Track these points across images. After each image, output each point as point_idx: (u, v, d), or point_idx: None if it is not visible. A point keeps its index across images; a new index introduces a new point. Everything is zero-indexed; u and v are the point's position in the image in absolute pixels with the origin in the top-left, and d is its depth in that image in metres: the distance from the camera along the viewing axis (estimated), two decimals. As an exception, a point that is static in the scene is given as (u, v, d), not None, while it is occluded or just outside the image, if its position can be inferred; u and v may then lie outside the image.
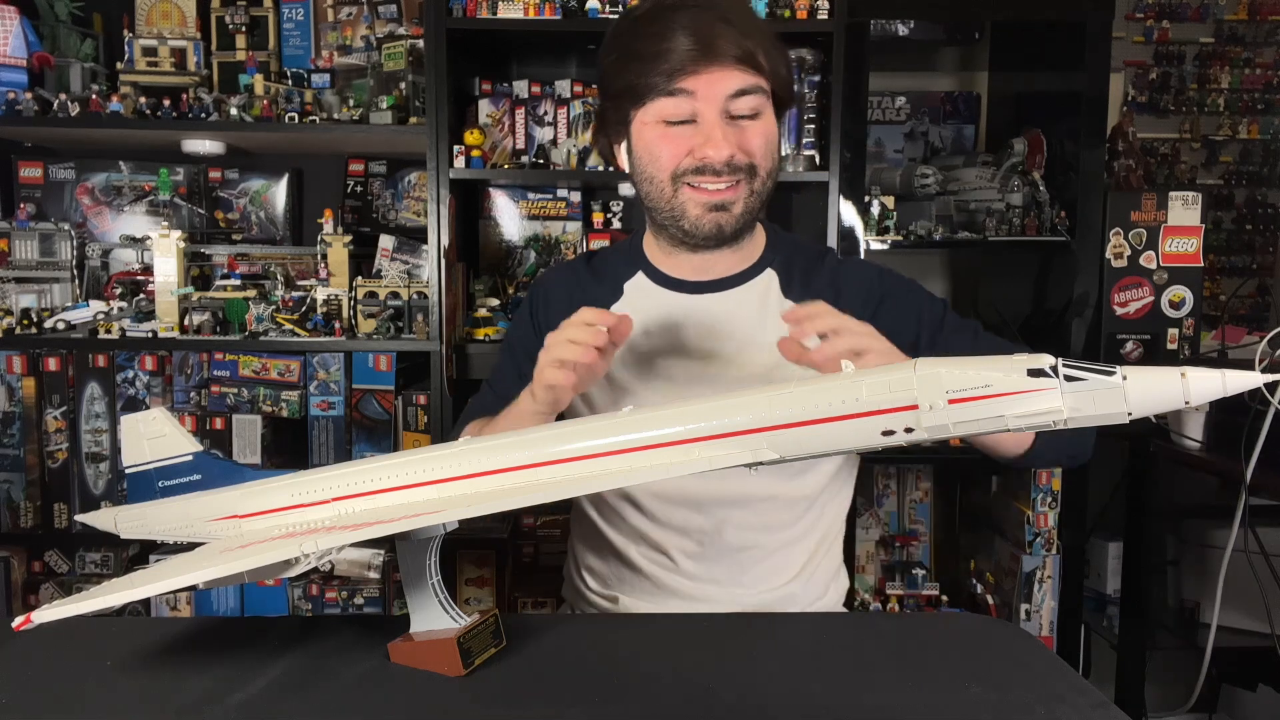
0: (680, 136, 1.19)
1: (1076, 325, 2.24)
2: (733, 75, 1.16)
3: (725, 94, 1.16)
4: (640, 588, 1.29)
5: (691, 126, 1.18)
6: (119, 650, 0.94)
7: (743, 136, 1.19)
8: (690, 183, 1.20)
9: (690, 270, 1.30)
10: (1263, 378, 0.64)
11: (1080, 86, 2.19)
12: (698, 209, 1.21)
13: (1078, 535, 2.27)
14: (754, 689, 0.86)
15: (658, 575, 1.28)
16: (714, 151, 1.17)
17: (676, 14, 1.16)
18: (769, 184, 1.24)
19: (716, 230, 1.23)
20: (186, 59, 2.26)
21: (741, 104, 1.18)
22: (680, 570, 1.27)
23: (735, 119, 1.19)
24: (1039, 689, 0.86)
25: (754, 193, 1.22)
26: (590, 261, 1.42)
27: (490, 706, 0.83)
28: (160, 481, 1.02)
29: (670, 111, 1.18)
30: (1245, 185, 2.69)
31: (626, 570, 1.30)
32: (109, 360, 2.19)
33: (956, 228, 2.32)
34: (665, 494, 1.25)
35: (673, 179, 1.21)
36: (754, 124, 1.20)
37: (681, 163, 1.20)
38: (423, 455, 0.90)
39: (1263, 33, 2.66)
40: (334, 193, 2.51)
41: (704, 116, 1.17)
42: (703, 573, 1.27)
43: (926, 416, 0.72)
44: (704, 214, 1.21)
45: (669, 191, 1.22)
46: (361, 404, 2.22)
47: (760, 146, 1.20)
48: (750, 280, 1.30)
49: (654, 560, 1.28)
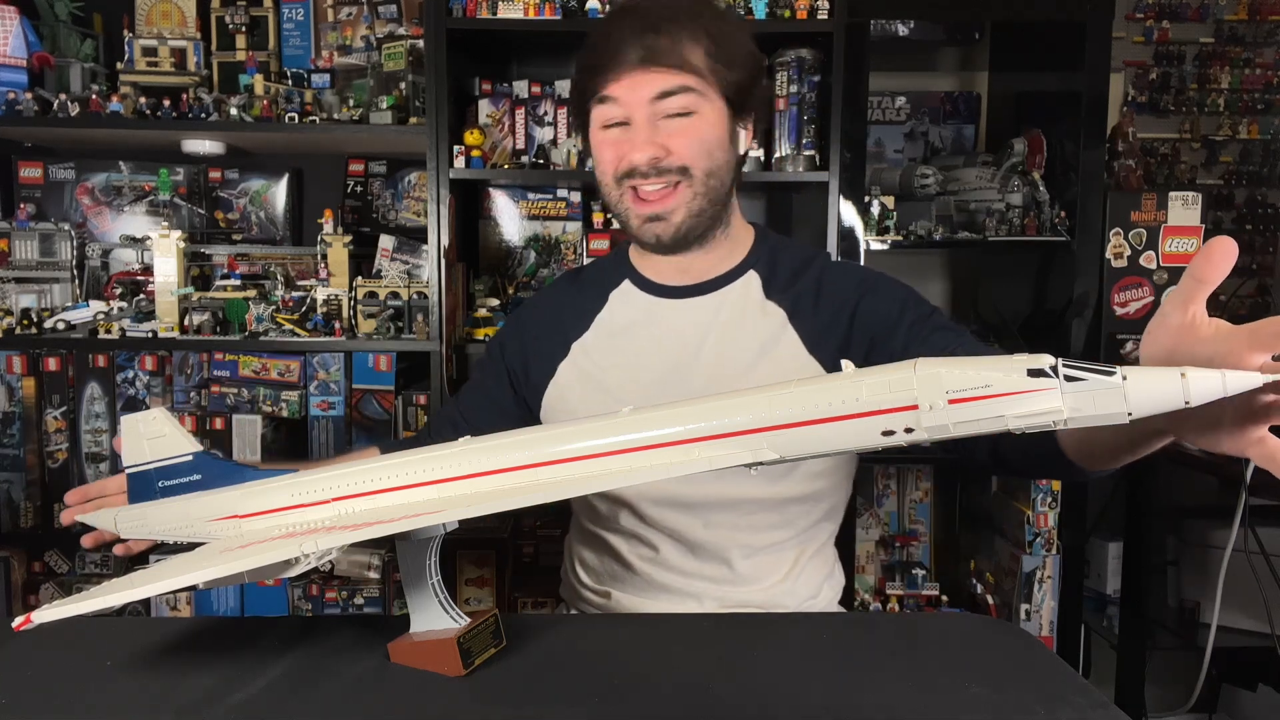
0: (615, 141, 1.23)
1: (1076, 325, 2.24)
2: (654, 78, 1.18)
3: (647, 97, 1.19)
4: (632, 584, 1.31)
5: (625, 129, 1.22)
6: (119, 650, 0.94)
7: (669, 137, 1.20)
8: (635, 188, 1.23)
9: (672, 274, 1.32)
10: (1263, 378, 0.64)
11: (1080, 86, 2.19)
12: (637, 220, 1.25)
13: (1078, 535, 2.27)
14: (754, 689, 0.86)
15: (649, 572, 1.29)
16: (637, 154, 1.20)
17: (617, 21, 1.21)
18: (712, 184, 1.23)
19: (655, 239, 1.25)
20: (186, 59, 2.26)
21: (668, 104, 1.19)
22: (671, 567, 1.28)
23: (668, 117, 1.20)
24: (1039, 689, 0.86)
25: (696, 195, 1.23)
26: (578, 277, 1.44)
27: (490, 706, 0.83)
28: (160, 481, 1.02)
29: (605, 116, 1.23)
30: (1245, 185, 2.69)
31: (619, 567, 1.32)
32: (109, 360, 2.19)
33: (956, 228, 2.32)
34: (654, 496, 1.26)
35: (616, 182, 1.24)
36: (684, 123, 1.20)
37: (618, 166, 1.23)
38: (423, 455, 0.90)
39: (1263, 33, 2.66)
40: (334, 193, 2.51)
41: (633, 119, 1.21)
42: (693, 569, 1.27)
43: (926, 416, 0.72)
44: (642, 224, 1.25)
45: (615, 194, 1.26)
46: (361, 404, 2.22)
47: (689, 145, 1.20)
48: (732, 282, 1.31)
49: (645, 558, 1.29)
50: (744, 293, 1.30)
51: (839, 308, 1.26)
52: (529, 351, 1.37)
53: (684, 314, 1.30)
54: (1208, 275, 0.71)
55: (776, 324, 1.27)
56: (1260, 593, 1.97)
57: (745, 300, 1.30)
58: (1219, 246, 0.70)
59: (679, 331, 1.29)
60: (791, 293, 1.29)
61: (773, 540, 1.28)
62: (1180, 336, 0.73)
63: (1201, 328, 0.72)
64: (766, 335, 1.26)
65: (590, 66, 1.22)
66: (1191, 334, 0.72)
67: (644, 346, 1.30)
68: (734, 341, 1.27)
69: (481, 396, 1.41)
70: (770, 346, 1.26)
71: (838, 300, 1.27)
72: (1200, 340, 0.72)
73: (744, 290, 1.30)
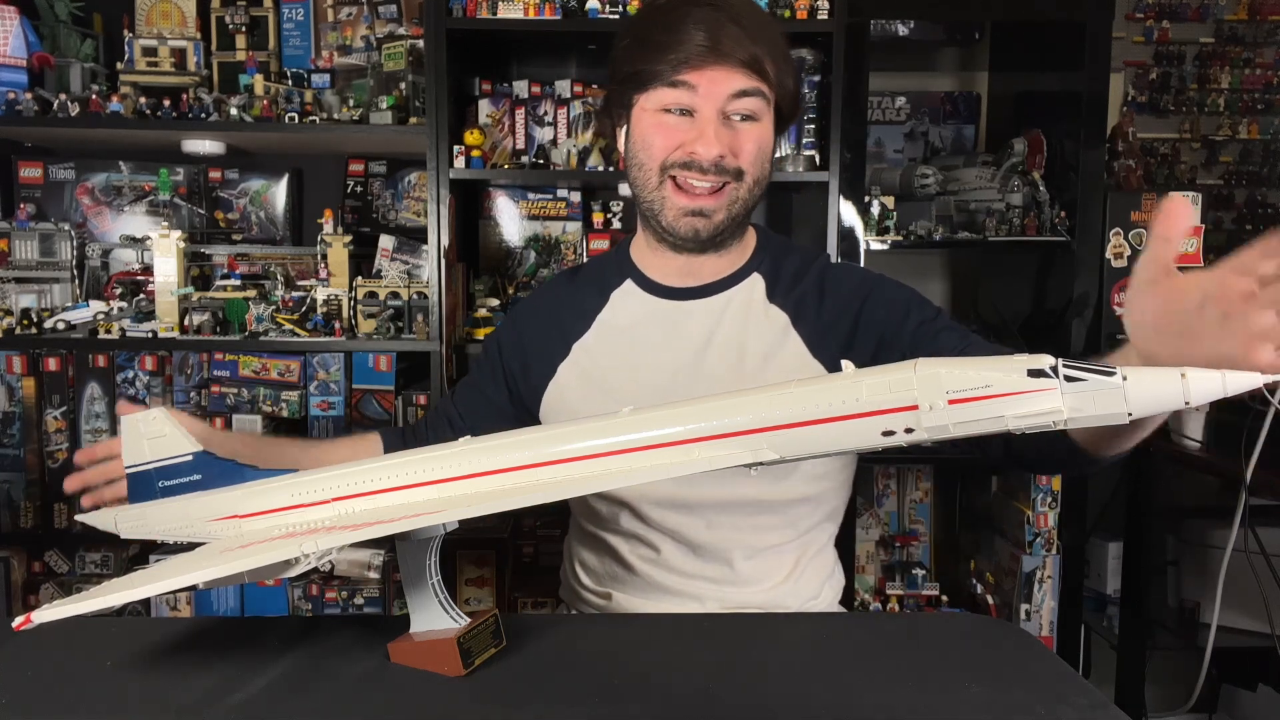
0: (675, 127, 1.20)
1: (1076, 325, 2.24)
2: (736, 76, 1.17)
3: (726, 93, 1.17)
4: (633, 585, 1.30)
5: (688, 120, 1.19)
6: (119, 650, 0.94)
7: (736, 138, 1.19)
8: (675, 177, 1.21)
9: (676, 275, 1.31)
10: (1263, 378, 0.64)
11: (1080, 86, 2.19)
12: (674, 211, 1.23)
13: (1078, 535, 2.27)
14: (754, 689, 0.86)
15: (649, 573, 1.28)
16: (704, 148, 1.18)
17: (692, 9, 1.17)
18: (755, 192, 1.24)
19: (693, 234, 1.24)
20: (186, 59, 2.25)
21: (741, 105, 1.18)
22: (672, 568, 1.28)
23: (732, 120, 1.19)
24: (1039, 689, 0.86)
25: (738, 199, 1.23)
26: (576, 275, 1.43)
27: (490, 706, 0.83)
28: (160, 482, 1.02)
29: (670, 100, 1.19)
30: (1245, 185, 2.69)
31: (620, 568, 1.31)
32: (109, 360, 2.19)
33: (956, 228, 2.32)
34: (656, 497, 1.25)
35: (661, 169, 1.22)
36: (750, 127, 1.20)
37: (672, 154, 1.21)
38: (423, 455, 0.90)
39: (1263, 33, 2.66)
40: (334, 193, 2.51)
41: (701, 112, 1.18)
42: (694, 570, 1.27)
43: (926, 417, 0.72)
44: (680, 216, 1.23)
45: (654, 181, 1.23)
46: (361, 404, 2.22)
47: (752, 151, 1.21)
48: (736, 285, 1.30)
49: (646, 559, 1.29)
50: (748, 295, 1.30)
51: (842, 310, 1.26)
52: (528, 351, 1.36)
53: (688, 316, 1.30)
54: (1171, 231, 0.77)
55: (780, 327, 1.27)
56: (1260, 593, 1.97)
57: (749, 303, 1.29)
58: (1175, 203, 0.77)
59: (683, 333, 1.29)
60: (794, 296, 1.28)
61: (774, 541, 1.28)
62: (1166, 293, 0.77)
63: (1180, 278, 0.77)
64: (770, 338, 1.26)
65: (657, 44, 1.18)
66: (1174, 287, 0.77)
67: (647, 348, 1.29)
68: (738, 344, 1.26)
69: (478, 395, 1.40)
70: (775, 350, 1.25)
71: (841, 302, 1.27)
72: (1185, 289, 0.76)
73: (748, 293, 1.30)
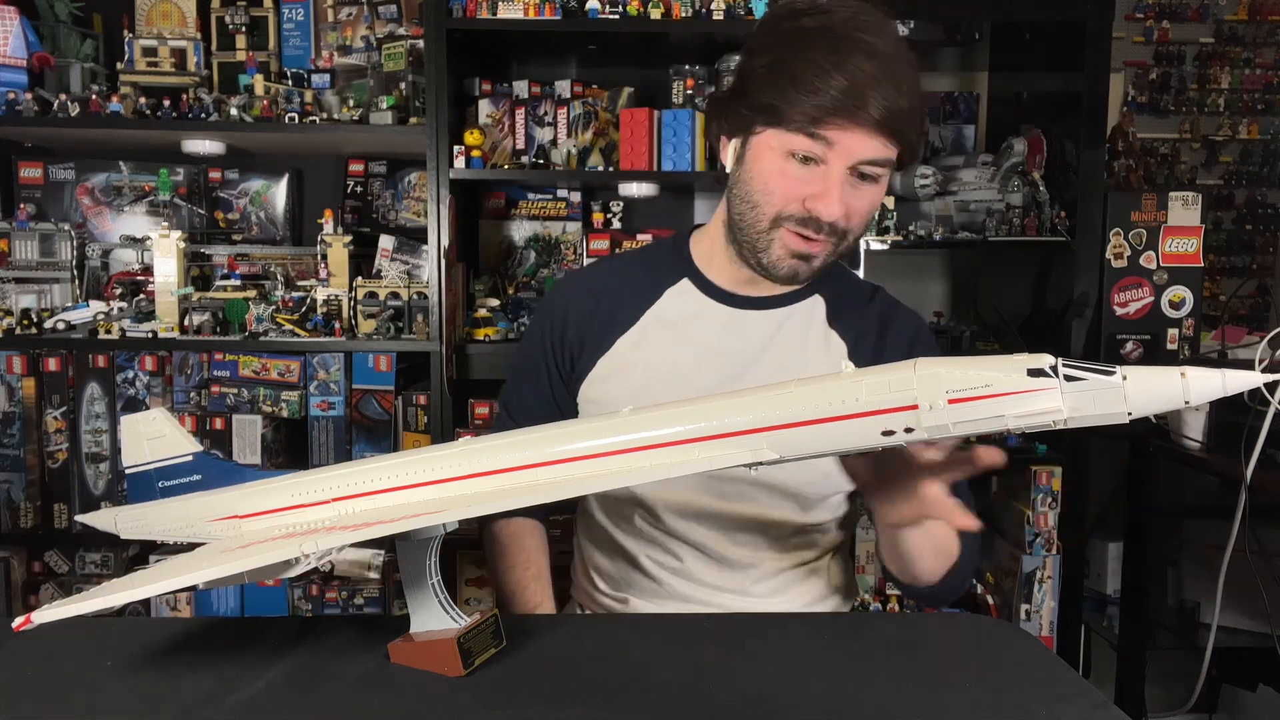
0: (799, 179, 1.14)
1: (1076, 325, 2.24)
2: (874, 142, 1.11)
3: (861, 157, 1.12)
4: (650, 590, 1.29)
5: (813, 170, 1.13)
6: (119, 650, 0.94)
7: (855, 198, 1.15)
8: (789, 227, 1.17)
9: (739, 283, 1.28)
10: (1262, 377, 0.64)
11: (1080, 86, 2.19)
12: (783, 251, 1.19)
13: (1078, 535, 2.27)
14: (754, 689, 0.86)
15: (666, 580, 1.28)
16: (825, 209, 1.13)
17: (848, 55, 1.08)
18: (853, 243, 1.24)
19: (793, 275, 1.22)
20: (186, 59, 2.25)
21: (870, 169, 1.14)
22: (689, 576, 1.27)
23: (857, 176, 1.14)
24: (1039, 689, 0.86)
25: (837, 251, 1.21)
26: (621, 263, 1.39)
27: (490, 707, 0.83)
28: (160, 482, 1.02)
29: (800, 147, 1.13)
30: (1245, 185, 2.69)
31: (636, 573, 1.30)
32: (109, 360, 2.19)
33: (956, 228, 2.32)
34: (676, 505, 1.24)
35: (776, 217, 1.17)
36: (870, 189, 1.16)
37: (790, 207, 1.16)
38: (423, 455, 0.90)
39: (1263, 33, 2.66)
40: (334, 193, 2.51)
41: (832, 168, 1.12)
42: (711, 580, 1.27)
43: (926, 416, 0.72)
44: (786, 258, 1.19)
45: (765, 225, 1.18)
46: (361, 404, 2.22)
47: (865, 212, 1.18)
48: (797, 302, 1.28)
49: (663, 565, 1.28)
50: (808, 315, 1.28)
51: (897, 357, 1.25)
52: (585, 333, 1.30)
53: (745, 325, 1.27)
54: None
55: (837, 356, 1.25)
56: (1260, 593, 1.97)
57: (809, 323, 1.28)
58: None
59: (736, 342, 1.26)
60: (856, 326, 1.27)
61: (799, 560, 1.29)
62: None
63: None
64: (826, 363, 1.24)
65: (803, 85, 1.09)
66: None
67: (695, 351, 1.26)
68: (792, 362, 1.24)
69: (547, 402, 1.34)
70: None
71: (900, 348, 1.27)
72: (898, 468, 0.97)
73: (808, 312, 1.28)
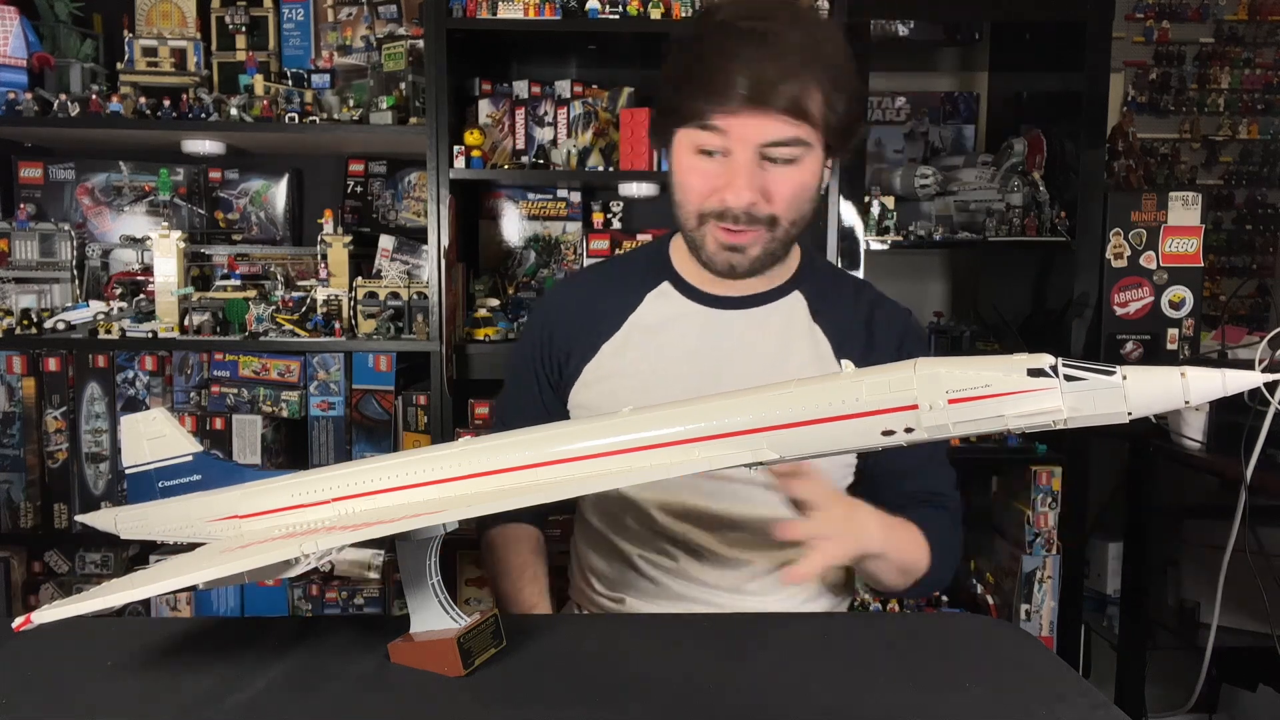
0: (709, 171, 1.15)
1: (1076, 325, 2.24)
2: (772, 124, 1.11)
3: (760, 141, 1.12)
4: (646, 590, 1.29)
5: (722, 162, 1.14)
6: (119, 650, 0.94)
7: (771, 182, 1.14)
8: (714, 221, 1.18)
9: (717, 284, 1.28)
10: (1262, 377, 0.64)
11: (1080, 86, 2.19)
12: (714, 244, 1.20)
13: (1078, 535, 2.27)
14: (754, 689, 0.86)
15: (662, 579, 1.28)
16: (734, 197, 1.14)
17: (737, 43, 1.10)
18: (793, 232, 1.21)
19: (729, 269, 1.22)
20: (186, 59, 2.25)
21: (777, 152, 1.13)
22: (684, 576, 1.27)
23: (770, 160, 1.14)
24: (1039, 689, 0.86)
25: (775, 239, 1.19)
26: (607, 269, 1.40)
27: (490, 706, 0.83)
28: (160, 482, 1.02)
29: (704, 142, 1.14)
30: (1245, 185, 2.69)
31: (631, 574, 1.30)
32: (109, 360, 2.19)
33: (956, 228, 2.32)
34: (668, 506, 1.25)
35: (698, 215, 1.19)
36: (787, 171, 1.14)
37: (706, 201, 1.17)
38: (423, 455, 0.90)
39: (1263, 33, 2.66)
40: (334, 193, 2.51)
41: (736, 156, 1.13)
42: (706, 579, 1.27)
43: (926, 416, 0.72)
44: (719, 250, 1.20)
45: (693, 223, 1.20)
46: (361, 404, 2.22)
47: (787, 195, 1.16)
48: (777, 300, 1.29)
49: (658, 565, 1.28)
50: (790, 312, 1.28)
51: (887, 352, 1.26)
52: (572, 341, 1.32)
53: (724, 325, 1.27)
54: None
55: (822, 352, 1.26)
56: (1260, 593, 1.97)
57: (791, 320, 1.28)
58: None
59: (717, 342, 1.26)
60: (840, 322, 1.27)
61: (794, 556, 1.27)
62: None
63: None
64: (811, 360, 1.25)
65: (694, 85, 1.12)
66: None
67: (678, 354, 1.27)
68: (776, 360, 1.25)
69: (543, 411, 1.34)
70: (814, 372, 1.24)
71: (887, 343, 1.27)
72: None
73: (790, 309, 1.29)
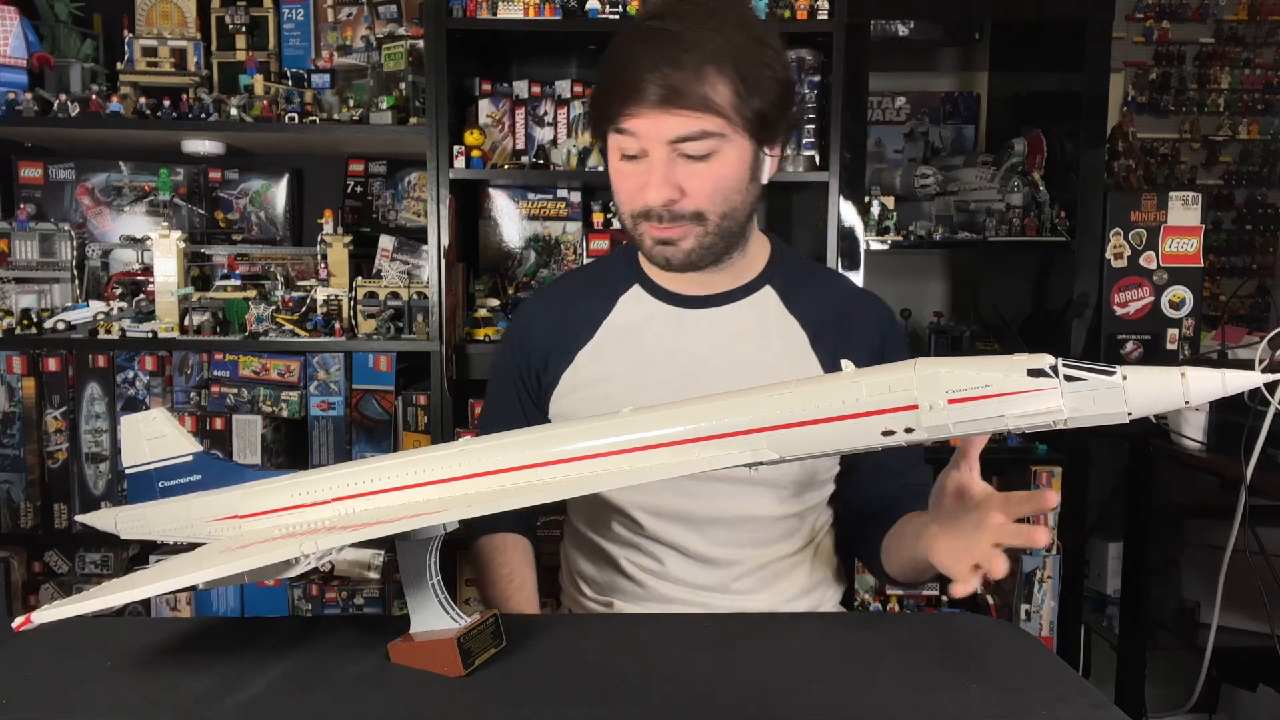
0: (632, 173, 1.17)
1: (1076, 325, 2.24)
2: (675, 121, 1.11)
3: (664, 139, 1.12)
4: (633, 594, 1.29)
5: (639, 163, 1.16)
6: (119, 650, 0.94)
7: (686, 178, 1.14)
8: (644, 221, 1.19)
9: (686, 284, 1.29)
10: (1263, 378, 0.64)
11: (1080, 86, 2.19)
12: (649, 241, 1.21)
13: (1078, 535, 2.27)
14: (754, 689, 0.86)
15: (649, 582, 1.28)
16: (652, 195, 1.15)
17: (641, 45, 1.12)
18: (727, 223, 1.19)
19: (665, 262, 1.23)
20: (186, 59, 2.25)
21: (689, 147, 1.13)
22: (671, 578, 1.27)
23: (687, 156, 1.14)
24: (1039, 689, 0.86)
25: (708, 233, 1.19)
26: (578, 276, 1.41)
27: (490, 706, 0.83)
28: (160, 482, 1.02)
29: (622, 146, 1.17)
30: (1245, 185, 2.69)
31: (619, 577, 1.30)
32: (109, 360, 2.19)
33: (956, 228, 2.32)
34: (656, 508, 1.25)
35: (632, 215, 1.21)
36: (701, 166, 1.14)
37: (633, 204, 1.19)
38: (423, 455, 0.90)
39: (1263, 33, 2.65)
40: (334, 193, 2.51)
41: (652, 156, 1.14)
42: (694, 580, 1.27)
43: (926, 416, 0.72)
44: (654, 247, 1.21)
45: (630, 224, 1.23)
46: (361, 404, 2.22)
47: (706, 190, 1.15)
48: (748, 296, 1.29)
49: (644, 567, 1.28)
50: (763, 306, 1.28)
51: (868, 344, 1.27)
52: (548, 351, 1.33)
53: (698, 325, 1.28)
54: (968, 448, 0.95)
55: (798, 343, 1.26)
56: (1260, 593, 1.97)
57: (765, 314, 1.28)
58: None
59: (692, 343, 1.27)
60: (815, 313, 1.28)
61: (781, 553, 1.28)
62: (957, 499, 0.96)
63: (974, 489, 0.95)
64: (788, 352, 1.25)
65: (608, 91, 1.15)
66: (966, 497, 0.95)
67: (654, 356, 1.27)
68: (754, 355, 1.25)
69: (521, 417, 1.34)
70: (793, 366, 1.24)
71: (868, 336, 1.28)
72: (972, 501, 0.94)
73: (762, 304, 1.29)
